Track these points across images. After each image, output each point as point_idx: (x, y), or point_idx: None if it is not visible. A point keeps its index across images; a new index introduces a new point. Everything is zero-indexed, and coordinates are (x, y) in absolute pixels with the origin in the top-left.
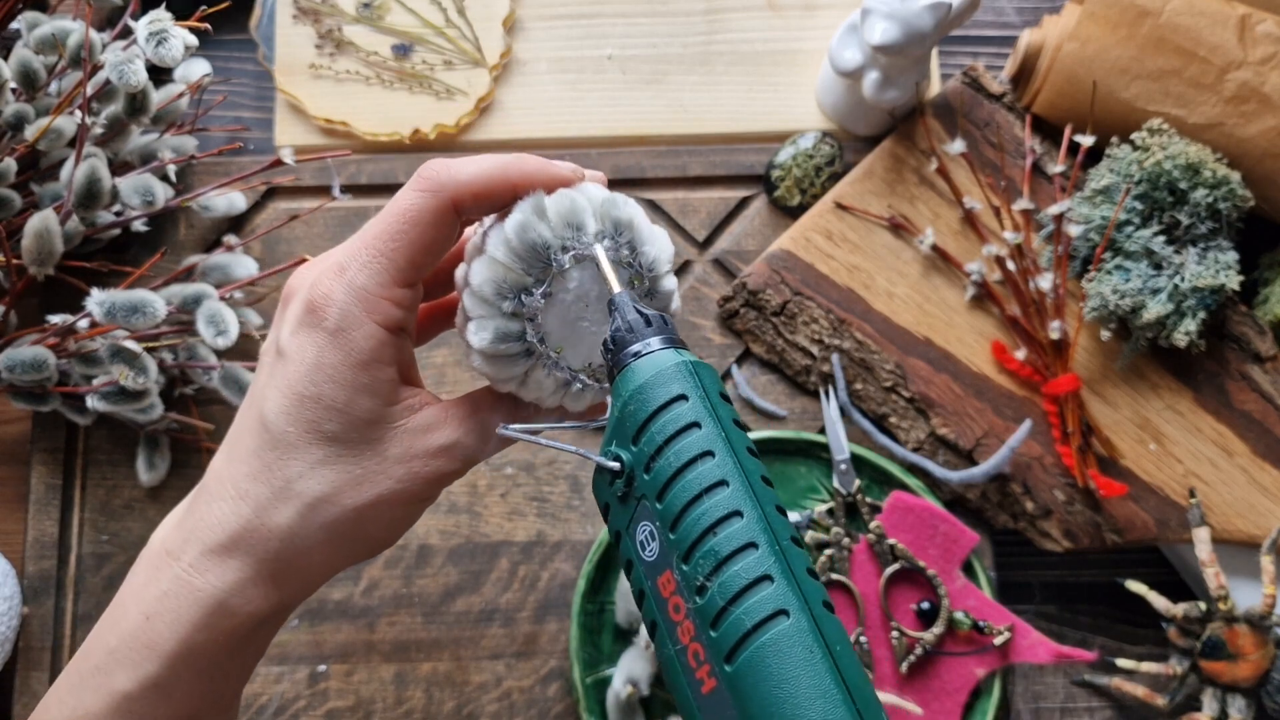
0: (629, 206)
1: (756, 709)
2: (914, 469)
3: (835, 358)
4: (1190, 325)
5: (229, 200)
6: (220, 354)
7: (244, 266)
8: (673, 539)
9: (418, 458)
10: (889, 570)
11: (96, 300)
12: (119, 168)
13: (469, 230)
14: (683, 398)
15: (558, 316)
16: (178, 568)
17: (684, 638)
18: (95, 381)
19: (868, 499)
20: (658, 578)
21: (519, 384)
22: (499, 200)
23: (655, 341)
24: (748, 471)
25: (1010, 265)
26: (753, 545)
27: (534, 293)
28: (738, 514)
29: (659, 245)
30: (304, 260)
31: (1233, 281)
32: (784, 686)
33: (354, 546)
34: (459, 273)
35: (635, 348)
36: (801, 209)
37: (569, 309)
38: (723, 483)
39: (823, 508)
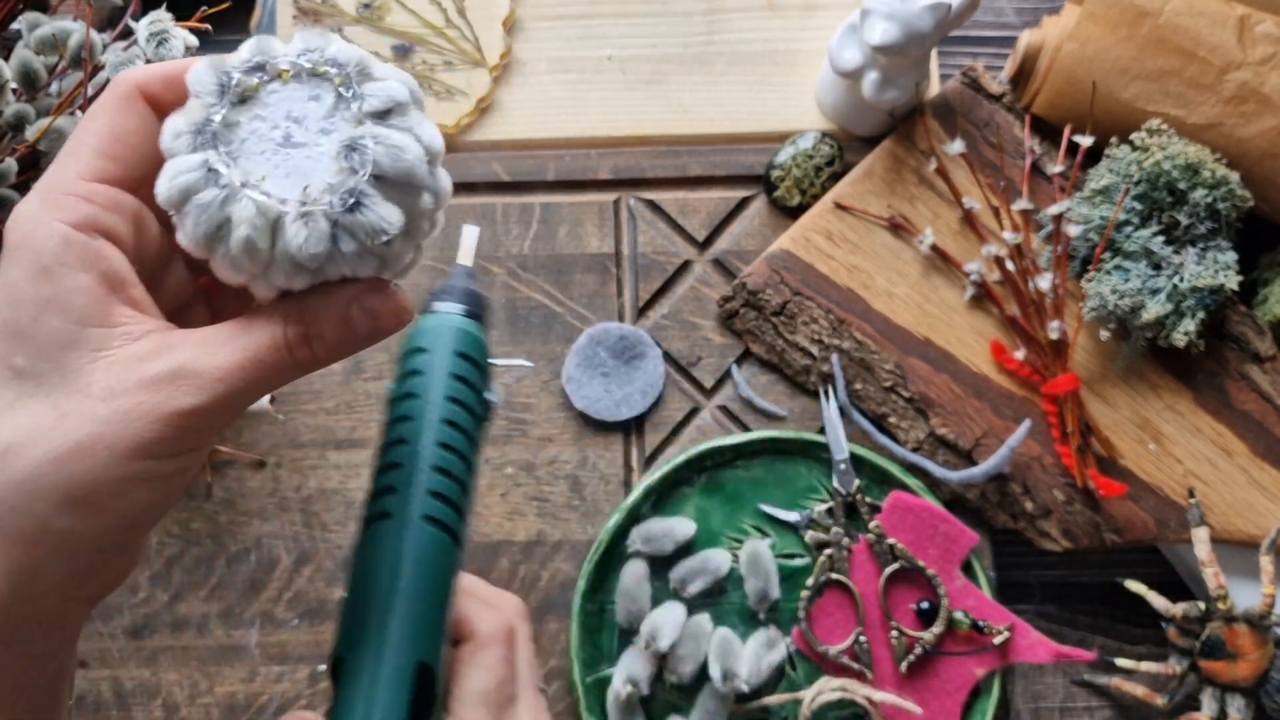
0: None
1: (354, 565)
2: (913, 469)
3: (835, 358)
4: (1189, 325)
5: None
6: None
7: None
8: (381, 444)
9: (128, 392)
10: (888, 570)
11: None
12: None
13: None
14: (422, 350)
15: (255, 149)
16: None
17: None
18: None
19: (867, 499)
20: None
21: (223, 242)
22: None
23: (442, 305)
24: (428, 415)
25: (1010, 265)
26: (398, 465)
27: (213, 120)
28: (403, 441)
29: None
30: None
31: (1232, 282)
32: (364, 561)
33: (78, 515)
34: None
35: (432, 304)
36: (801, 209)
37: (266, 137)
38: (407, 417)
39: (822, 508)
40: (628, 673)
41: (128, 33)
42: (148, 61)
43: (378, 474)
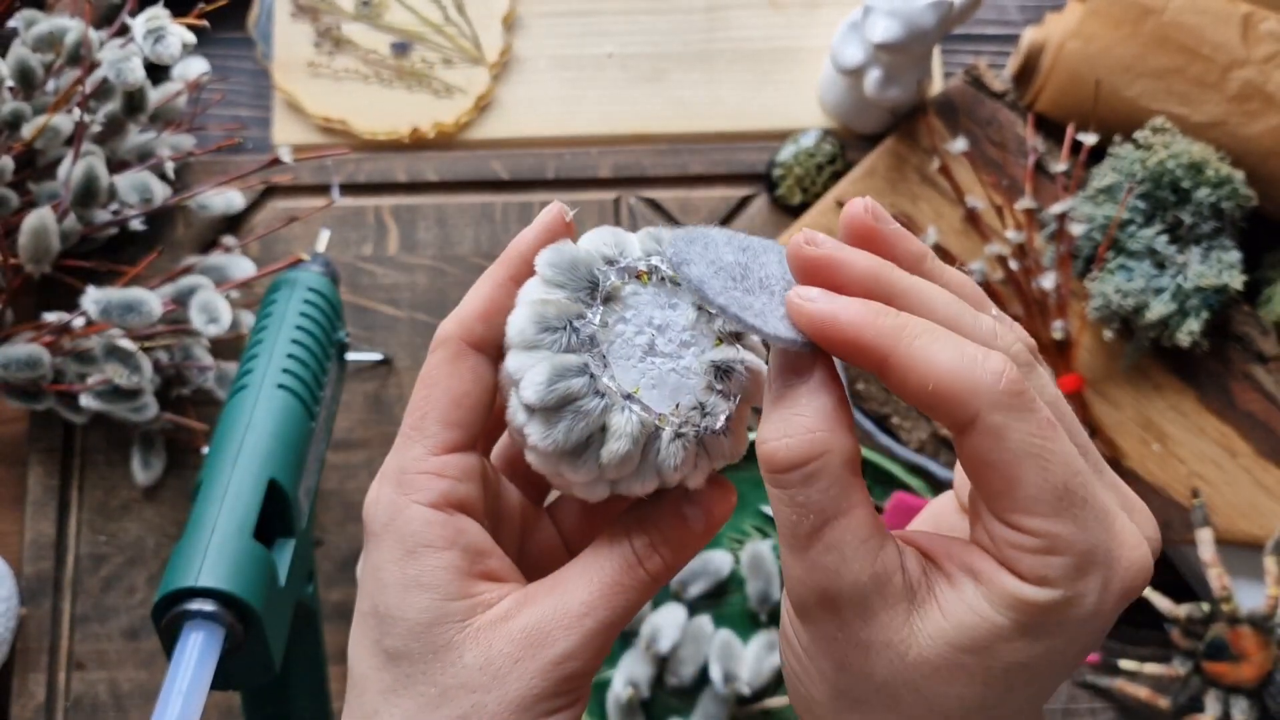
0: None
1: (214, 429)
2: (916, 469)
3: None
4: (1193, 325)
5: (226, 199)
6: (216, 354)
7: (241, 268)
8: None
9: (502, 654)
10: None
11: (92, 299)
12: (116, 166)
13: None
14: (279, 287)
15: (622, 353)
16: None
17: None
18: (90, 380)
19: None
20: None
21: (591, 449)
22: (509, 303)
23: (299, 268)
24: (284, 328)
25: (1013, 264)
26: (255, 356)
27: (587, 316)
28: (261, 343)
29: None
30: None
31: (1236, 281)
32: (222, 422)
33: None
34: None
35: (293, 269)
36: (803, 208)
37: (632, 342)
38: (264, 328)
39: None
40: (628, 675)
41: (124, 29)
42: (145, 59)
43: (239, 370)
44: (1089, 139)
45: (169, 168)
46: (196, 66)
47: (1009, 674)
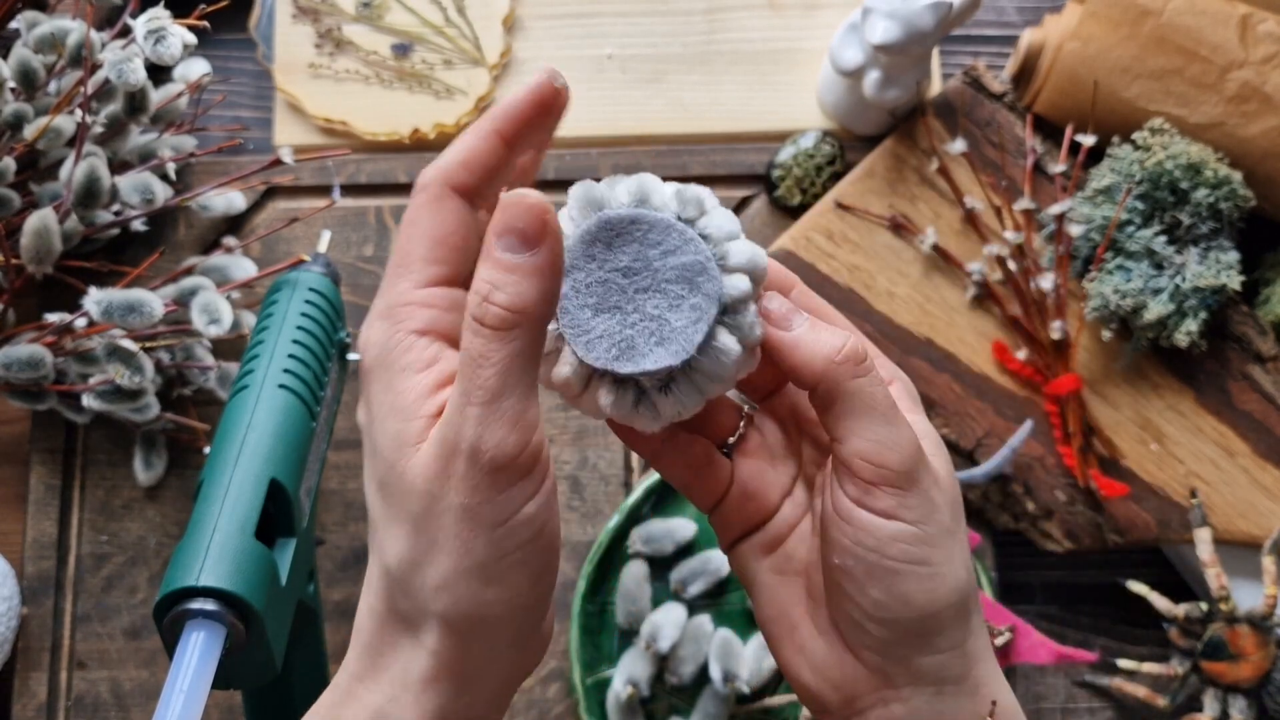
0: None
1: (216, 430)
2: None
3: None
4: (1192, 325)
5: (228, 200)
6: (217, 355)
7: (242, 268)
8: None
9: (432, 475)
10: None
11: (94, 299)
12: (118, 167)
13: None
14: (280, 288)
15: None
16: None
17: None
18: (91, 380)
19: None
20: None
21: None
22: (493, 156)
23: (300, 269)
24: (285, 327)
25: (1011, 265)
26: (256, 357)
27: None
28: (262, 343)
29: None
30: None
31: (1234, 282)
32: (224, 421)
33: (457, 568)
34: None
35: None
36: (802, 208)
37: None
38: (266, 328)
39: None
40: (628, 674)
41: (126, 31)
42: (147, 60)
43: (240, 370)
44: (1087, 140)
45: (170, 168)
46: (198, 68)
47: None
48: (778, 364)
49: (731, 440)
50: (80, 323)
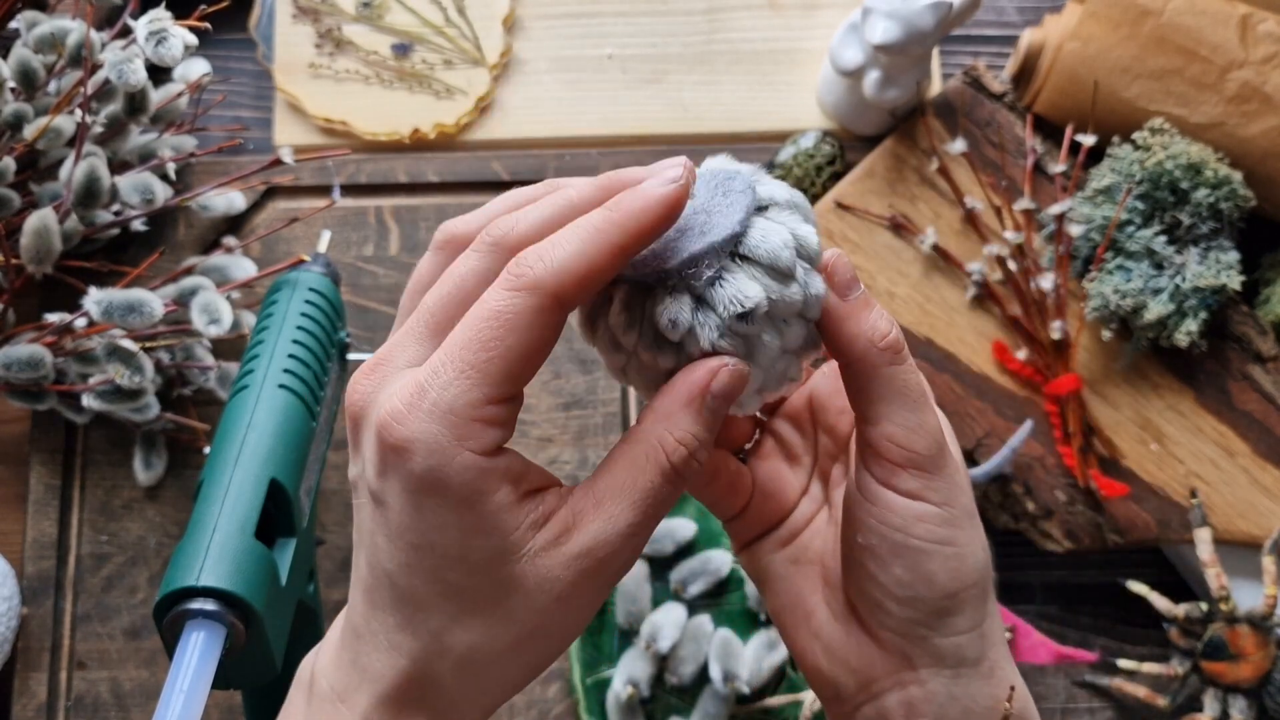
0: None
1: (216, 429)
2: None
3: None
4: (1192, 325)
5: (228, 200)
6: (217, 355)
7: (242, 268)
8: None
9: (558, 576)
10: None
11: (94, 299)
12: (118, 167)
13: None
14: (280, 288)
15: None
16: (351, 716)
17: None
18: (91, 380)
19: None
20: None
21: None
22: (611, 275)
23: (300, 269)
24: (285, 326)
25: (1011, 265)
26: (256, 356)
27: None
28: (262, 342)
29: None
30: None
31: (1234, 282)
32: (224, 421)
33: (531, 662)
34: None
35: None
36: None
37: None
38: (266, 328)
39: None
40: (628, 674)
41: (126, 31)
42: (147, 60)
43: (240, 370)
44: (1087, 140)
45: (170, 168)
46: (198, 68)
47: None
48: (826, 330)
49: (747, 446)
50: (80, 323)
